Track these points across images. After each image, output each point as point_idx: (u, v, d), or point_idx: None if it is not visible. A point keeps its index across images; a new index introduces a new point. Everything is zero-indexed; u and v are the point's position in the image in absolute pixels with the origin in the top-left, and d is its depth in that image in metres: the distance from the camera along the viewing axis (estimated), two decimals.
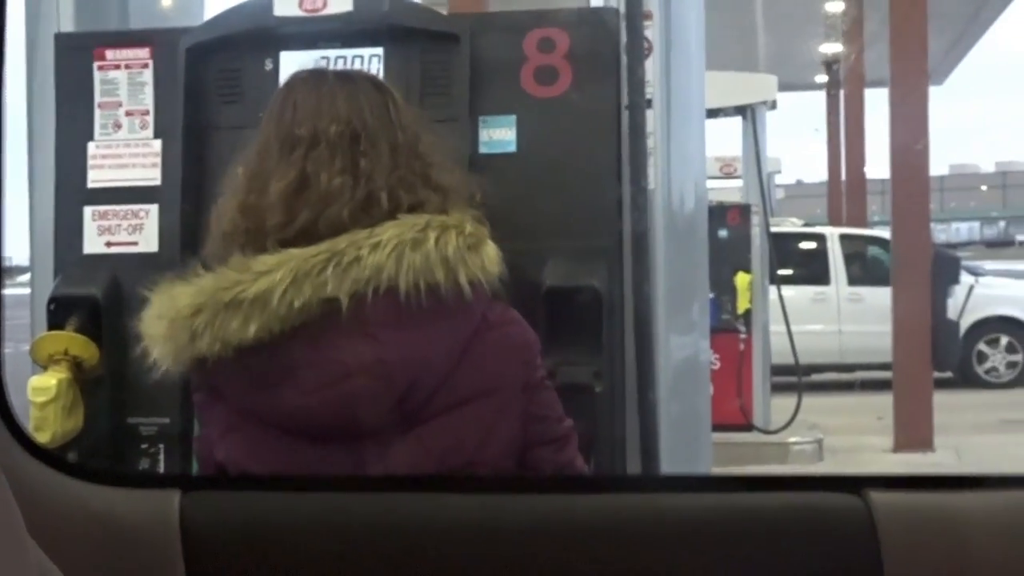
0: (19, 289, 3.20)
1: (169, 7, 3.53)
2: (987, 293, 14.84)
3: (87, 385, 2.86)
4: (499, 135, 2.83)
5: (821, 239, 15.79)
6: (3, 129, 1.84)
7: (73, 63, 3.03)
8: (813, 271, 15.31)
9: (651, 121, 2.96)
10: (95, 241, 2.98)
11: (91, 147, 3.00)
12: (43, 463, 1.78)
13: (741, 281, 10.37)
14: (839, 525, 1.72)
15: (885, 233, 13.94)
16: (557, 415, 2.23)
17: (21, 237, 3.14)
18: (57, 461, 1.84)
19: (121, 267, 2.93)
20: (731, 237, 10.42)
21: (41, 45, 3.12)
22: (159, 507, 1.78)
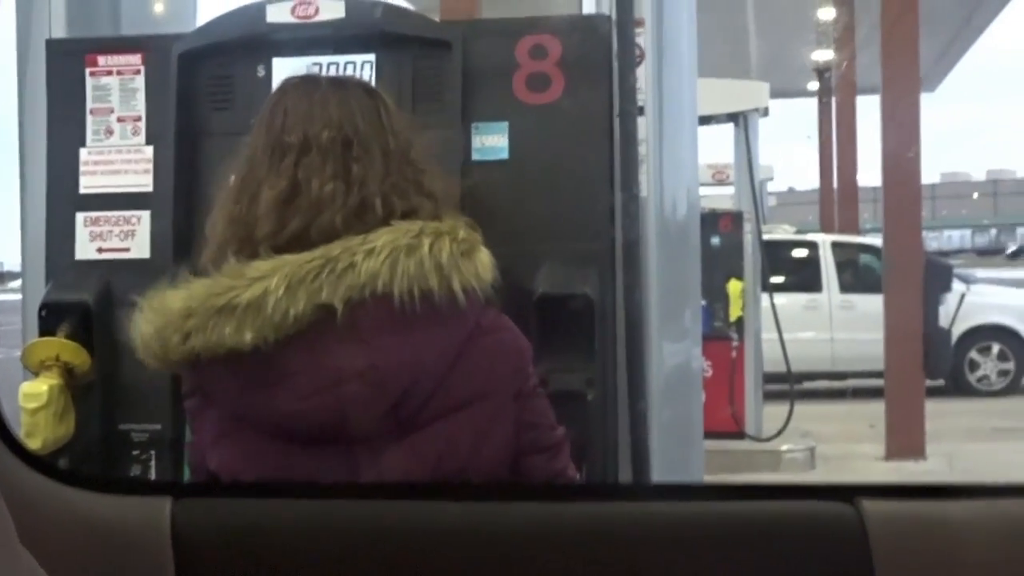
0: (10, 295, 3.20)
1: (161, 13, 3.52)
2: (979, 301, 14.86)
3: (78, 391, 2.85)
4: (491, 142, 2.82)
5: (813, 246, 15.80)
6: None
7: (65, 69, 3.03)
8: (805, 279, 15.32)
9: (643, 128, 2.95)
10: (87, 247, 2.98)
11: (83, 153, 2.99)
12: (34, 470, 1.78)
13: (733, 288, 10.40)
14: (831, 534, 1.72)
15: (877, 241, 13.96)
16: (550, 423, 2.23)
17: (13, 243, 3.14)
18: (48, 468, 1.83)
19: (113, 273, 2.92)
20: (723, 244, 10.45)
21: (33, 51, 3.11)
22: (150, 514, 1.78)
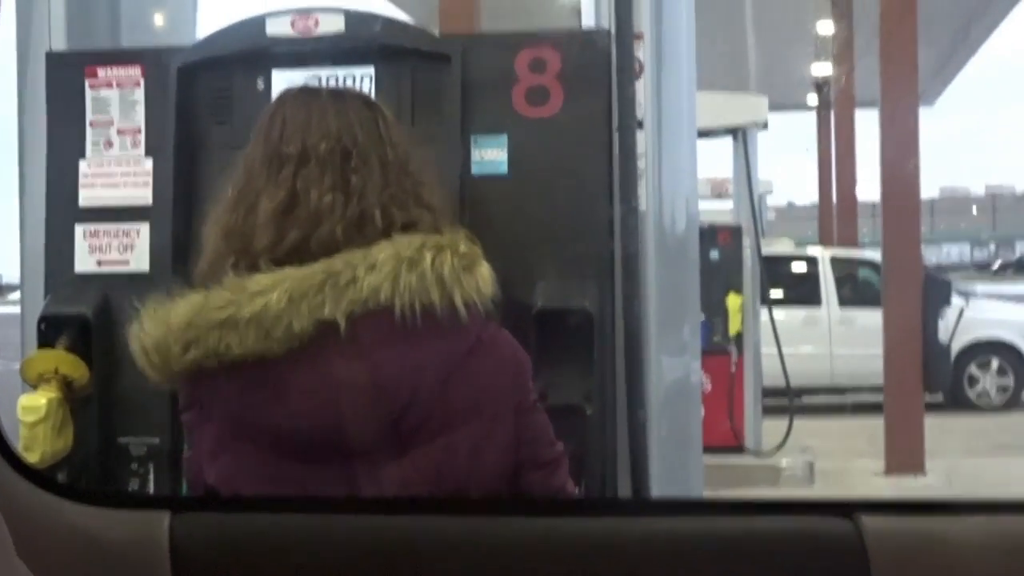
0: (9, 307, 3.19)
1: (161, 26, 3.52)
2: (978, 316, 14.85)
3: (77, 404, 2.85)
4: (491, 155, 2.82)
5: (812, 261, 15.80)
6: None
7: (65, 81, 3.03)
8: (804, 293, 15.31)
9: (642, 141, 2.95)
10: (86, 260, 2.98)
11: (82, 165, 2.99)
12: (32, 483, 1.77)
13: (732, 303, 10.39)
14: (830, 549, 1.71)
15: (876, 255, 13.96)
16: (549, 439, 2.22)
17: (12, 255, 3.14)
18: (46, 481, 1.83)
19: (112, 286, 2.92)
20: (722, 258, 10.45)
21: (32, 63, 3.11)
22: (149, 528, 1.77)
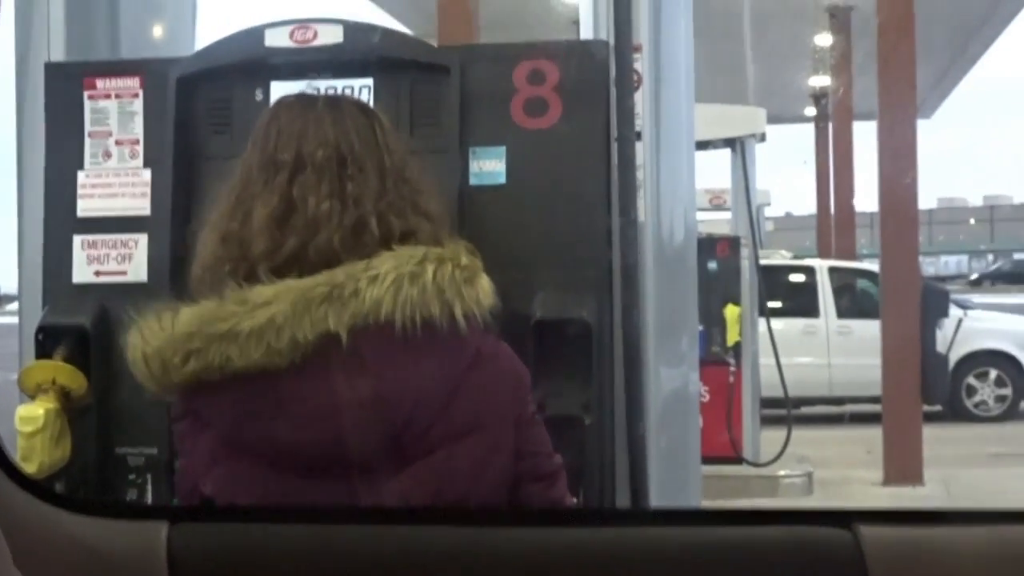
0: (7, 318, 3.19)
1: (160, 37, 3.52)
2: (976, 326, 14.86)
3: (75, 415, 2.85)
4: (489, 166, 2.82)
5: (810, 272, 15.81)
6: None
7: (63, 92, 3.03)
8: (802, 304, 15.33)
9: (641, 153, 2.96)
10: (84, 270, 2.97)
11: (81, 176, 2.99)
12: (30, 493, 1.77)
13: (730, 313, 10.39)
14: (829, 559, 1.71)
15: (874, 266, 13.97)
16: (547, 451, 2.22)
17: (10, 266, 3.14)
18: (44, 492, 1.83)
19: (110, 297, 2.92)
20: (720, 269, 10.45)
21: (31, 74, 3.11)
22: (147, 538, 1.77)
